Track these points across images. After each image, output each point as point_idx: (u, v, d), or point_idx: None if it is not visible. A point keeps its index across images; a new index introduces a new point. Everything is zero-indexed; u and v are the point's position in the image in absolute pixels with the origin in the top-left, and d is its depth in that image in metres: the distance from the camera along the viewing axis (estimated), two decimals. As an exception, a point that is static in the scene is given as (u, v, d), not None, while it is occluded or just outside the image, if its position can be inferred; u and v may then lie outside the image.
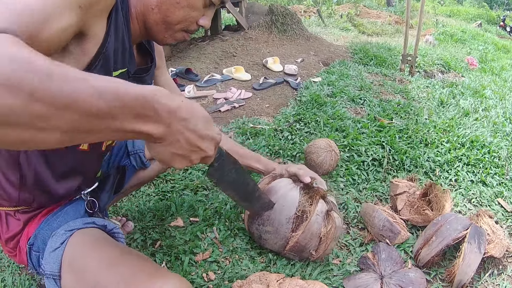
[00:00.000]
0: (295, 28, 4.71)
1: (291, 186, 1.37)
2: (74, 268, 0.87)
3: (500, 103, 3.18)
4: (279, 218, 1.32)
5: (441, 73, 4.46)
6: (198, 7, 0.91)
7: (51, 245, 0.92)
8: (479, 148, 2.18)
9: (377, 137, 2.22)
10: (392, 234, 1.49)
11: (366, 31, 7.45)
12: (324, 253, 1.37)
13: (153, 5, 0.88)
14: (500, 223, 1.68)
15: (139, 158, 1.39)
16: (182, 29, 0.94)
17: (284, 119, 2.56)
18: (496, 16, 11.74)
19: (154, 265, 0.87)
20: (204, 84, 3.33)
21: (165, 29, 0.93)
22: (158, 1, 0.88)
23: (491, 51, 6.21)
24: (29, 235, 0.99)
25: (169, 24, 0.91)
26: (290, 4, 9.67)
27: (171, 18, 0.90)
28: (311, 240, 1.33)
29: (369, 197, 1.83)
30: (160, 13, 0.89)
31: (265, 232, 1.36)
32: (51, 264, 0.89)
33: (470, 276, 1.28)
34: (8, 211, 1.00)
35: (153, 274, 0.81)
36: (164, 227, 1.58)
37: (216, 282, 1.33)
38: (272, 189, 1.36)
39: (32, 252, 0.99)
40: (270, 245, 1.40)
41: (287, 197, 1.33)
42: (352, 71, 3.67)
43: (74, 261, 0.88)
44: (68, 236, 0.93)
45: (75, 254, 0.89)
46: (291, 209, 1.32)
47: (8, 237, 1.02)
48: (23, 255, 1.01)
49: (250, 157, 1.46)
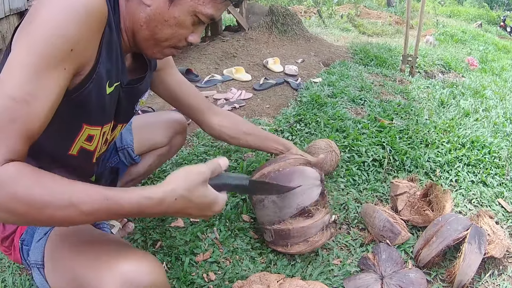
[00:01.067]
0: (296, 28, 4.71)
1: (318, 182, 1.40)
2: (53, 256, 0.91)
3: (500, 103, 3.18)
4: (292, 199, 1.35)
5: (441, 74, 4.46)
6: (186, 25, 0.91)
7: (36, 236, 0.96)
8: (479, 149, 2.17)
9: (378, 138, 2.22)
10: (392, 235, 1.49)
11: (366, 31, 7.44)
12: (297, 252, 1.40)
13: (141, 22, 0.89)
14: (500, 223, 1.68)
15: (128, 153, 1.40)
16: (170, 46, 0.95)
17: (284, 119, 2.56)
18: (496, 16, 11.73)
19: (127, 247, 0.88)
20: (205, 85, 3.33)
21: (154, 45, 0.93)
22: (146, 19, 0.88)
23: (491, 52, 6.21)
24: (22, 230, 1.02)
25: (158, 40, 0.92)
26: (291, 4, 9.67)
27: (159, 35, 0.90)
28: (299, 237, 1.36)
29: (370, 197, 1.83)
30: (148, 30, 0.89)
31: (271, 201, 1.36)
32: (35, 254, 0.93)
33: (470, 276, 1.28)
34: None
35: (121, 254, 0.82)
36: (165, 227, 1.58)
37: (217, 282, 1.33)
38: (300, 173, 1.37)
39: (24, 247, 1.01)
40: (262, 213, 1.40)
41: (310, 189, 1.37)
42: (352, 71, 3.66)
43: (53, 250, 0.91)
44: (52, 227, 0.95)
45: (55, 243, 0.92)
46: (305, 201, 1.35)
47: (4, 236, 1.03)
48: (17, 252, 1.03)
49: (271, 139, 1.56)
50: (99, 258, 0.82)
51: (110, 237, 0.94)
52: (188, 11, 0.88)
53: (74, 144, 0.93)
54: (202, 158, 2.08)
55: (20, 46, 0.71)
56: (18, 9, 2.20)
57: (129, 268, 0.77)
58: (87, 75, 0.81)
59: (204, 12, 0.89)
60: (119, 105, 1.02)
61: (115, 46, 0.89)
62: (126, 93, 1.02)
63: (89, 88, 0.82)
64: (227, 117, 1.47)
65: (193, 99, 1.36)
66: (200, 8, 0.88)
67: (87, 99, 0.85)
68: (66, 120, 0.86)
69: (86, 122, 0.91)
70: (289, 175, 1.35)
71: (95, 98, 0.87)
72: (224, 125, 1.44)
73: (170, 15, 0.87)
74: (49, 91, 0.72)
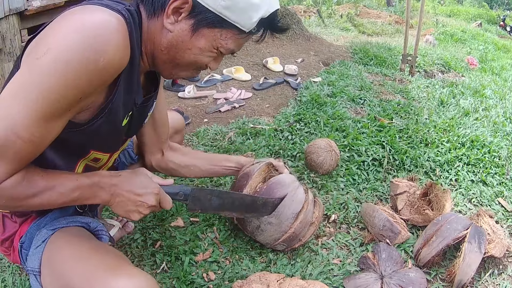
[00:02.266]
0: (295, 28, 4.71)
1: (297, 183, 1.42)
2: (50, 265, 0.91)
3: (500, 102, 3.18)
4: (286, 212, 1.35)
5: (441, 73, 4.46)
6: (208, 55, 0.91)
7: (35, 243, 0.96)
8: (479, 148, 2.17)
9: (377, 137, 2.22)
10: (392, 234, 1.49)
11: (366, 31, 7.44)
12: (312, 234, 1.46)
13: (163, 47, 0.89)
14: (500, 222, 1.68)
15: (128, 154, 1.41)
16: (191, 69, 0.95)
17: (284, 119, 2.56)
18: (496, 16, 11.73)
19: (123, 262, 0.89)
20: (204, 84, 3.33)
21: (172, 67, 0.94)
22: (168, 44, 0.88)
23: (491, 51, 6.21)
24: (21, 234, 1.02)
25: (177, 65, 0.92)
26: (290, 4, 9.66)
27: (180, 61, 0.91)
28: (304, 228, 1.40)
29: (369, 197, 1.82)
30: (169, 55, 0.90)
31: (267, 223, 1.37)
32: (33, 261, 0.94)
33: (470, 276, 1.28)
34: (5, 213, 1.02)
35: (118, 270, 0.82)
36: (165, 227, 1.58)
37: (216, 282, 1.33)
38: (278, 184, 1.38)
39: (23, 250, 1.01)
40: (264, 237, 1.40)
41: (297, 193, 1.38)
42: (352, 71, 3.66)
43: (50, 258, 0.92)
44: (50, 234, 0.96)
45: (52, 252, 0.93)
46: (298, 206, 1.37)
47: (4, 238, 1.04)
48: (16, 254, 1.03)
49: (221, 159, 1.50)
50: (94, 272, 0.82)
51: (108, 249, 0.95)
52: (211, 44, 0.88)
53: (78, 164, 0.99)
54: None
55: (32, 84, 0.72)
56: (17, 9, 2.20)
57: (122, 285, 0.78)
58: (97, 112, 0.84)
59: (225, 47, 0.90)
60: (131, 124, 1.04)
61: (135, 74, 0.89)
62: (138, 111, 1.04)
63: (101, 120, 0.85)
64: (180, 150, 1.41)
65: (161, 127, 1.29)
66: (222, 42, 0.89)
67: (98, 130, 0.88)
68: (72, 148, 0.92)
69: (94, 148, 0.97)
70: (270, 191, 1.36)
71: (107, 130, 0.90)
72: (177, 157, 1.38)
73: (194, 45, 0.87)
74: (54, 133, 0.79)
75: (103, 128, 0.88)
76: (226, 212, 1.25)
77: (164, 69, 0.95)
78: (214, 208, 1.20)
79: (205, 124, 2.60)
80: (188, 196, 1.10)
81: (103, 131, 0.89)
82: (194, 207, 1.14)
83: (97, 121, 0.85)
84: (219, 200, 1.20)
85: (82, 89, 0.74)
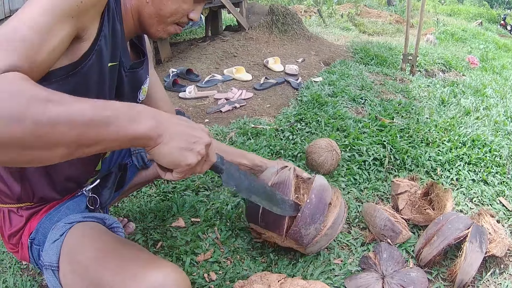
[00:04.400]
0: (296, 28, 4.71)
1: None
2: (71, 259, 0.89)
3: (501, 101, 3.17)
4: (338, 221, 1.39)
5: (442, 72, 4.45)
6: (189, 0, 0.97)
7: (51, 237, 0.94)
8: (480, 147, 2.17)
9: (378, 137, 2.22)
10: (393, 234, 1.49)
11: (366, 30, 7.44)
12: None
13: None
14: (501, 222, 1.68)
15: (141, 157, 1.41)
16: (174, 22, 1.00)
17: (285, 119, 2.56)
18: (496, 14, 11.73)
19: (150, 255, 0.88)
20: (205, 85, 3.33)
21: (158, 22, 0.98)
22: None
23: (492, 50, 6.20)
24: (31, 229, 1.01)
25: (162, 17, 0.97)
26: (291, 4, 9.67)
27: (164, 10, 0.95)
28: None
29: (370, 196, 1.82)
30: (153, 6, 0.95)
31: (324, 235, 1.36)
32: (50, 256, 0.91)
33: (471, 275, 1.28)
34: (11, 208, 1.01)
35: (148, 263, 0.82)
36: (166, 227, 1.58)
37: (218, 282, 1.33)
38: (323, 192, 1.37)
39: (33, 246, 1.00)
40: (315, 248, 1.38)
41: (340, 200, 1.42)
42: (353, 70, 3.66)
43: (71, 252, 0.90)
44: (68, 228, 0.95)
45: (73, 245, 0.91)
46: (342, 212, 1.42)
47: (11, 233, 1.03)
48: (25, 250, 1.02)
49: (237, 154, 1.45)
50: (127, 266, 0.81)
51: (134, 244, 0.93)
52: None
53: None
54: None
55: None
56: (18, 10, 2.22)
57: (156, 279, 0.77)
58: (90, 45, 0.83)
59: None
60: (122, 90, 1.03)
61: (114, 28, 0.91)
62: (129, 77, 1.04)
63: (92, 58, 0.84)
64: None
65: (161, 102, 1.31)
66: None
67: (91, 70, 0.85)
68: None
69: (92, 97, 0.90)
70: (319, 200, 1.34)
71: (97, 69, 0.87)
72: None
73: None
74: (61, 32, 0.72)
75: (95, 67, 0.86)
76: (255, 197, 1.15)
77: (150, 25, 0.98)
78: (245, 188, 1.09)
79: (206, 124, 2.61)
80: (223, 166, 0.97)
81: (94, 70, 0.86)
82: (229, 181, 1.01)
83: (88, 61, 0.83)
84: (247, 180, 1.12)
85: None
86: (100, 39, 0.85)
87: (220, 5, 4.65)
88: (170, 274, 0.79)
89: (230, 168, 1.02)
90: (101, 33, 0.84)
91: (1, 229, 1.05)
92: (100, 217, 1.02)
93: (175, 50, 4.44)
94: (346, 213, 1.48)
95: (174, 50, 4.43)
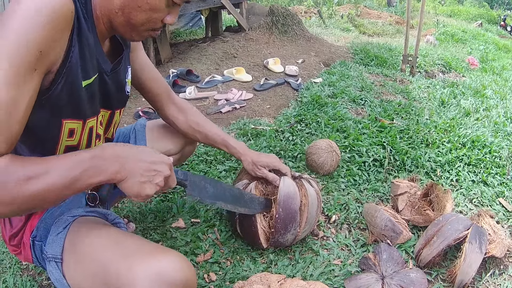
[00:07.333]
0: (296, 29, 4.71)
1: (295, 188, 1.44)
2: (76, 250, 0.90)
3: (501, 102, 3.18)
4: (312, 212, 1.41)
5: (442, 73, 4.46)
6: (160, 9, 0.91)
7: (54, 230, 0.95)
8: (480, 148, 2.17)
9: (378, 138, 2.22)
10: (394, 234, 1.49)
11: (366, 31, 7.45)
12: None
13: (116, 9, 0.89)
14: (501, 223, 1.68)
15: None
16: (147, 30, 0.95)
17: (285, 120, 2.56)
18: (496, 15, 11.74)
19: (155, 245, 0.89)
20: (205, 85, 3.34)
21: (131, 30, 0.93)
22: (120, 5, 0.88)
23: (492, 51, 6.21)
24: (32, 228, 1.01)
25: (134, 25, 0.92)
26: (291, 5, 9.68)
27: (134, 20, 0.90)
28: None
29: (370, 197, 1.83)
30: (123, 16, 0.90)
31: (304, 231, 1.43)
32: (54, 248, 0.92)
33: (471, 276, 1.28)
34: None
35: (154, 251, 0.83)
36: (166, 228, 1.58)
37: (218, 283, 1.33)
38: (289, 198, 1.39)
39: (36, 243, 1.00)
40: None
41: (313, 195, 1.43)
42: (353, 71, 3.67)
43: (76, 243, 0.91)
44: (71, 221, 0.96)
45: (77, 237, 0.91)
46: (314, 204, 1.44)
47: (12, 234, 1.03)
48: (27, 250, 1.02)
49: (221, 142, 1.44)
50: (134, 254, 0.82)
51: (139, 237, 0.94)
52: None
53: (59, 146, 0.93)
54: (203, 158, 2.08)
55: None
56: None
57: (163, 265, 0.79)
58: (57, 72, 0.82)
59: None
60: (109, 94, 1.03)
61: (89, 38, 0.89)
62: (112, 80, 1.03)
63: (61, 83, 0.83)
64: (181, 109, 1.41)
65: (154, 83, 1.32)
66: None
67: (61, 95, 0.85)
68: (45, 124, 0.87)
69: (64, 117, 0.91)
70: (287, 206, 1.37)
71: (69, 92, 0.86)
72: (175, 117, 1.39)
73: (143, 1, 0.87)
74: (27, 96, 0.75)
75: (65, 91, 0.85)
76: (221, 202, 1.23)
77: (124, 32, 0.95)
78: (209, 196, 1.18)
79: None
80: (186, 181, 1.08)
81: (65, 95, 0.86)
82: (193, 192, 1.11)
83: (59, 83, 0.83)
84: (212, 188, 1.20)
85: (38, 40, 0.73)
86: (71, 55, 0.83)
87: (220, 6, 4.65)
88: (175, 260, 0.81)
89: (194, 181, 1.12)
90: (68, 58, 0.83)
91: (2, 231, 1.05)
92: (102, 213, 1.03)
93: (175, 51, 4.45)
94: (320, 196, 1.49)
95: (174, 51, 4.44)
